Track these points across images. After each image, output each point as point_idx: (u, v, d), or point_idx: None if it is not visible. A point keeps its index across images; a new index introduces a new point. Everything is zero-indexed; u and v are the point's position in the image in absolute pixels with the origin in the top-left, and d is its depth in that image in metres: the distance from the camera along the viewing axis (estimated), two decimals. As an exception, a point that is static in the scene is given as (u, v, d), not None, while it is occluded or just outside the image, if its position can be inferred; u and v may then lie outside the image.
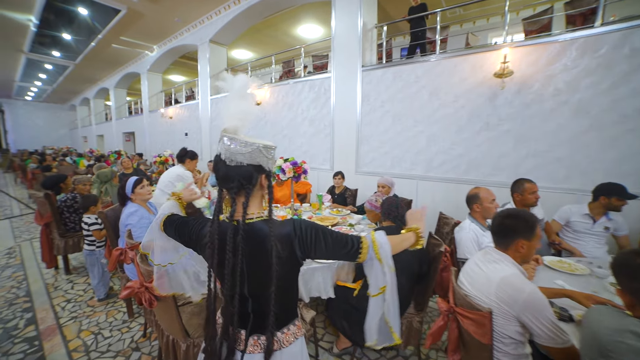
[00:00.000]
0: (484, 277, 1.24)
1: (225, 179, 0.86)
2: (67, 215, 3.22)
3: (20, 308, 2.57)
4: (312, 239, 0.88)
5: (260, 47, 9.06)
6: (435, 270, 1.81)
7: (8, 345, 2.10)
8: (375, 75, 4.27)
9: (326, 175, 4.90)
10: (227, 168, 0.85)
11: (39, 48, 8.97)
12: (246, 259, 0.84)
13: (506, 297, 1.12)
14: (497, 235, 1.32)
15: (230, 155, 0.84)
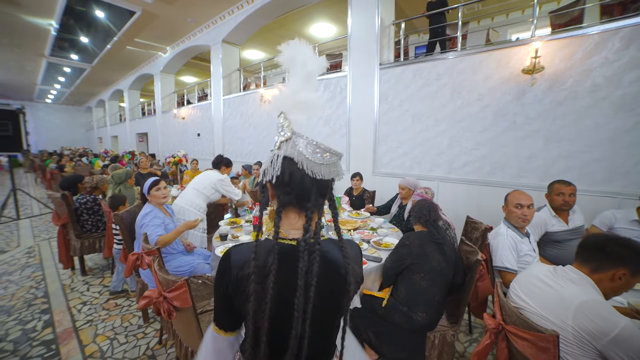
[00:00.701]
0: (554, 295, 1.08)
1: (303, 194, 0.68)
2: (86, 217, 3.21)
3: (38, 309, 2.56)
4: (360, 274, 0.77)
5: (272, 48, 9.01)
6: (471, 280, 1.67)
7: (26, 348, 2.07)
8: (394, 74, 4.12)
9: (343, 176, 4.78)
10: (307, 180, 0.67)
11: (58, 52, 9.18)
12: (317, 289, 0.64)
13: (591, 327, 0.96)
14: (592, 254, 1.12)
15: (309, 164, 0.66)
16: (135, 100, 13.37)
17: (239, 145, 7.22)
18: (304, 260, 0.64)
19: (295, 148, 0.67)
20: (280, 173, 0.67)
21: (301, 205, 0.69)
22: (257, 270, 0.63)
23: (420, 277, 1.62)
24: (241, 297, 0.66)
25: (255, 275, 0.63)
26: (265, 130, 6.43)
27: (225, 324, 0.74)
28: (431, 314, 1.61)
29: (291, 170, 0.67)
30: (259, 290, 0.62)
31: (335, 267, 0.68)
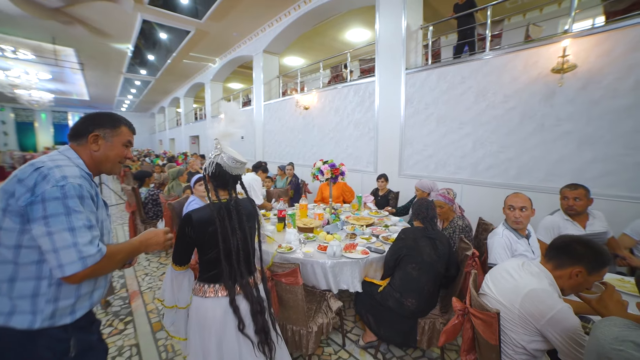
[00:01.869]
0: (512, 284, 1.23)
1: (225, 183, 1.30)
2: (150, 207, 3.92)
3: (117, 275, 3.29)
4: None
5: (310, 53, 9.48)
6: (462, 273, 1.82)
7: (112, 299, 2.78)
8: (419, 78, 4.22)
9: (370, 177, 4.98)
10: (227, 176, 1.28)
11: (131, 68, 10.81)
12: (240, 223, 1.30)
13: (533, 310, 1.11)
14: (557, 252, 1.24)
15: (229, 168, 1.27)
16: (189, 106, 14.95)
17: (276, 147, 7.78)
18: (233, 207, 1.28)
19: (222, 159, 1.25)
20: (214, 171, 1.27)
21: (225, 186, 1.31)
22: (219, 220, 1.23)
23: (412, 267, 1.83)
24: (202, 238, 1.22)
25: (217, 219, 1.22)
26: (300, 133, 6.86)
27: (181, 261, 1.29)
28: (420, 301, 1.81)
29: (219, 170, 1.27)
30: (222, 229, 1.22)
31: (247, 210, 1.35)
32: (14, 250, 0.87)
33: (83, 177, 0.95)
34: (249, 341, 1.24)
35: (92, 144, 1.03)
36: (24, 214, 0.85)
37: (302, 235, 2.47)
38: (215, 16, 6.55)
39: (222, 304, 1.23)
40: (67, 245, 0.85)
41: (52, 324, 0.90)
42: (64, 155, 0.98)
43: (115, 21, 6.80)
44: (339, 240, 2.35)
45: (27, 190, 0.84)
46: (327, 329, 1.82)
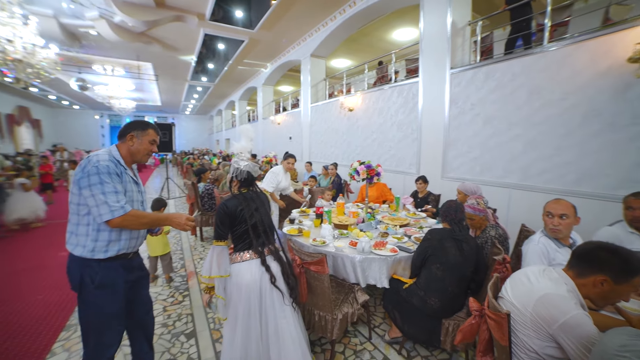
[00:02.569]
0: (528, 288, 1.22)
1: (251, 183, 1.75)
2: (206, 200, 4.46)
3: (178, 257, 3.86)
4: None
5: (357, 55, 9.57)
6: (488, 278, 1.80)
7: (174, 276, 3.28)
8: (465, 77, 4.05)
9: (412, 179, 4.89)
10: (251, 177, 1.74)
11: (194, 76, 12.15)
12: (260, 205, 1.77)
13: (545, 314, 1.11)
14: (578, 259, 1.20)
15: (252, 172, 1.73)
16: (243, 108, 16.15)
17: (322, 148, 8.05)
18: (255, 195, 1.75)
19: (249, 167, 1.72)
20: (241, 174, 1.71)
21: (248, 184, 1.74)
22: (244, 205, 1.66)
23: (436, 267, 1.86)
24: (234, 216, 1.63)
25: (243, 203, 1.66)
26: (344, 134, 7.00)
27: (221, 237, 1.63)
28: (443, 301, 1.83)
29: (247, 175, 1.72)
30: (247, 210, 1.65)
31: (260, 196, 1.79)
32: (77, 207, 1.39)
33: (111, 161, 1.42)
34: (280, 293, 1.62)
35: (128, 141, 1.52)
36: (78, 184, 1.36)
37: (336, 231, 2.63)
38: (266, 25, 7.06)
39: (256, 265, 1.62)
40: (102, 202, 1.34)
41: (92, 257, 1.40)
42: (105, 149, 1.47)
43: (182, 37, 7.77)
44: (370, 237, 2.46)
45: (80, 169, 1.37)
46: (351, 318, 1.95)
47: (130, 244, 1.52)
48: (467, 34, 4.32)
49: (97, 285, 1.43)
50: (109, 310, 1.47)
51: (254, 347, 1.58)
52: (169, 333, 2.32)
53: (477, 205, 2.33)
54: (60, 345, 2.18)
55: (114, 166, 1.41)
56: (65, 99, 16.86)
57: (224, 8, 6.38)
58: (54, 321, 2.46)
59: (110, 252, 1.43)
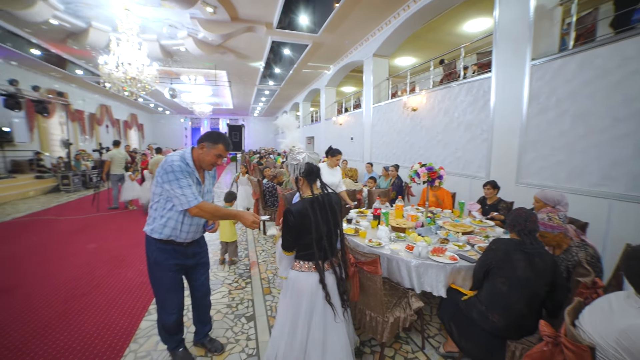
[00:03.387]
0: (607, 317, 1.07)
1: (316, 176, 1.63)
2: (268, 197, 4.83)
3: (243, 247, 4.26)
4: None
5: (422, 52, 9.11)
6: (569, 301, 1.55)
7: (239, 265, 3.64)
8: (550, 68, 3.51)
9: (480, 183, 4.48)
10: (315, 168, 1.63)
11: (262, 81, 13.13)
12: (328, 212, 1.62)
13: (631, 348, 0.95)
14: None
15: (312, 160, 1.65)
16: (307, 110, 16.80)
17: (384, 149, 7.89)
18: (321, 200, 1.59)
19: (310, 158, 1.64)
20: (307, 169, 1.62)
21: (314, 177, 1.63)
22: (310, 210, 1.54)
23: (501, 281, 1.69)
24: (300, 225, 1.53)
25: (310, 212, 1.53)
26: (407, 135, 6.74)
27: (288, 247, 1.60)
28: (508, 319, 1.65)
29: (312, 167, 1.63)
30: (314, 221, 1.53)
31: (333, 201, 1.65)
32: (153, 195, 1.74)
33: (182, 161, 1.69)
34: (332, 310, 1.56)
35: (200, 148, 1.77)
36: (159, 179, 1.67)
37: (393, 234, 2.59)
38: (329, 29, 7.23)
39: (314, 279, 1.57)
40: (180, 194, 1.64)
41: (151, 235, 1.75)
42: (181, 151, 1.76)
43: (252, 46, 8.49)
44: (428, 242, 2.36)
45: (160, 167, 1.68)
46: (403, 323, 1.90)
47: (175, 233, 1.76)
48: (558, 16, 3.73)
49: (153, 261, 1.79)
50: (163, 284, 1.82)
51: (297, 345, 1.58)
52: (232, 314, 2.60)
53: (548, 220, 1.99)
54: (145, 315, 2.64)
55: (184, 165, 1.68)
56: (160, 106, 20.03)
57: (289, 15, 6.76)
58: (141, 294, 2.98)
59: (163, 235, 1.74)
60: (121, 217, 5.95)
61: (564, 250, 2.00)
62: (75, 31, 7.38)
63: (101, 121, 14.34)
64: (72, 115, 11.78)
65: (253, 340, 2.25)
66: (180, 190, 1.63)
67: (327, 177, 3.61)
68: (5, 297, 2.81)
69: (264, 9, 6.37)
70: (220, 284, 3.14)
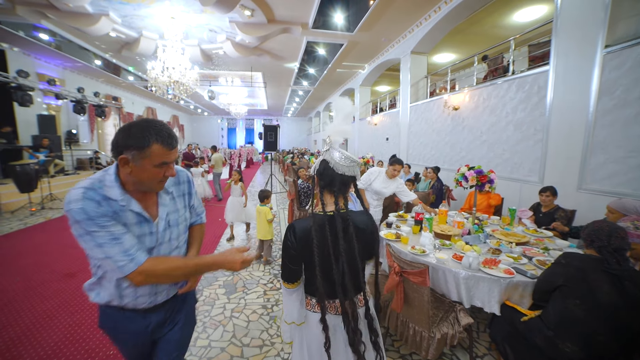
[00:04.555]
0: None
1: (330, 183, 1.12)
2: (303, 197, 4.81)
3: (277, 247, 4.28)
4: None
5: (462, 48, 8.57)
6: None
7: (273, 264, 3.66)
8: (631, 55, 3.04)
9: (531, 188, 4.10)
10: (333, 174, 1.12)
11: (296, 81, 13.29)
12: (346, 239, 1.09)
13: None
14: None
15: (338, 166, 1.11)
16: (340, 110, 16.68)
17: (421, 150, 7.56)
18: (339, 222, 1.08)
19: (329, 155, 1.14)
20: (318, 167, 1.17)
21: (331, 187, 1.14)
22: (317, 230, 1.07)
23: (574, 304, 1.46)
24: (304, 250, 1.09)
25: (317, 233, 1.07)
26: (448, 135, 6.37)
27: (288, 277, 1.14)
28: (586, 351, 1.42)
29: (324, 167, 1.15)
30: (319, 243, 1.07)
31: (361, 224, 1.14)
32: None
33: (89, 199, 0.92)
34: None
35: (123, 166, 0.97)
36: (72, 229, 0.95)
37: (437, 241, 2.41)
38: (364, 27, 7.07)
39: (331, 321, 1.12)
40: (100, 257, 0.95)
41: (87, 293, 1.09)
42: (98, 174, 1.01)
43: (287, 47, 8.59)
44: (478, 252, 2.16)
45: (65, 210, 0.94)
46: (451, 340, 1.74)
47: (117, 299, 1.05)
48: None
49: (100, 325, 1.14)
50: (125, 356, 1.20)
51: None
52: (267, 315, 2.60)
53: (634, 229, 1.73)
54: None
55: (95, 205, 0.91)
56: (199, 107, 21.22)
57: (324, 15, 6.71)
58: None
59: (100, 298, 1.06)
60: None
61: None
62: (129, 41, 8.05)
63: (148, 123, 15.55)
64: (124, 118, 12.86)
65: (289, 345, 2.21)
66: (100, 250, 0.91)
67: (376, 183, 3.38)
68: (71, 280, 3.12)
69: (299, 10, 6.39)
70: (255, 283, 3.17)
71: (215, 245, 4.29)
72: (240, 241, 4.58)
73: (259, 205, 3.69)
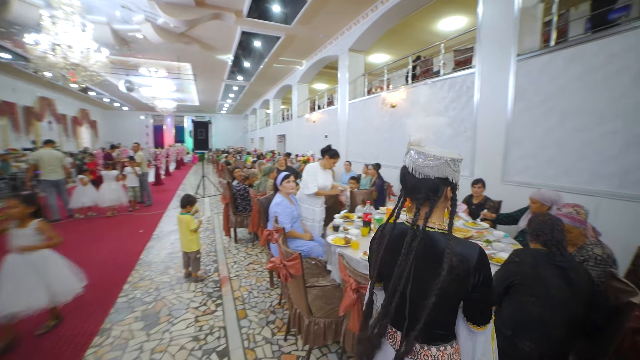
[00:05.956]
0: None
1: (413, 190, 0.92)
2: (239, 201, 4.31)
3: (212, 259, 3.70)
4: (485, 284, 0.87)
5: (396, 49, 9.02)
6: (619, 326, 1.32)
7: (206, 281, 3.12)
8: (537, 64, 3.43)
9: (464, 182, 4.36)
10: (415, 180, 0.91)
11: (231, 76, 12.37)
12: (417, 263, 0.89)
13: None
14: None
15: (418, 168, 0.90)
16: (278, 107, 16.22)
17: (360, 147, 7.65)
18: (409, 236, 0.90)
19: (408, 157, 0.94)
20: (400, 175, 0.98)
21: (413, 198, 0.95)
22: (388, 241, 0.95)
23: (530, 301, 1.42)
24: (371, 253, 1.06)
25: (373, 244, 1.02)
26: (386, 132, 6.54)
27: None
28: (544, 348, 1.38)
29: (404, 173, 0.96)
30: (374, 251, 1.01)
31: (435, 251, 0.87)
32: None
33: None
34: None
35: None
36: None
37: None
38: (303, 20, 6.82)
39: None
40: None
41: None
42: None
43: (220, 36, 7.82)
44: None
45: None
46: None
47: None
48: (539, 14, 3.68)
49: None
50: None
51: None
52: (200, 349, 2.11)
53: (576, 214, 1.84)
54: (92, 353, 2.06)
55: None
56: (116, 101, 18.22)
57: (261, 4, 6.25)
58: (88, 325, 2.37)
59: None
60: (66, 229, 4.94)
61: (578, 248, 1.83)
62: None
63: (42, 116, 12.56)
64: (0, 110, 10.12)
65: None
66: None
67: (321, 179, 3.23)
68: None
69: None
70: (184, 309, 2.60)
71: (134, 265, 3.49)
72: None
73: (179, 213, 3.10)
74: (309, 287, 2.04)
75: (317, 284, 2.19)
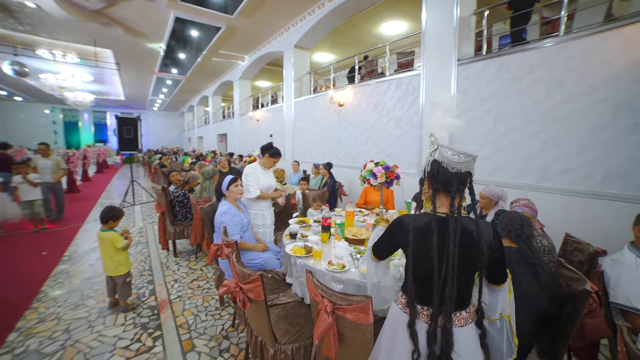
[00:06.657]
0: None
1: (446, 183, 1.05)
2: (178, 208, 3.76)
3: (146, 280, 3.12)
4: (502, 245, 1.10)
5: (341, 49, 9.12)
6: (575, 314, 1.39)
7: (140, 309, 2.57)
8: (474, 69, 3.72)
9: (412, 180, 4.54)
10: (449, 174, 1.04)
11: (163, 68, 11.06)
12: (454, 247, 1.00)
13: None
14: None
15: (452, 163, 1.04)
16: (218, 104, 15.14)
17: (307, 146, 7.49)
18: (452, 226, 1.00)
19: (440, 154, 1.06)
20: (430, 170, 1.09)
21: (447, 190, 1.06)
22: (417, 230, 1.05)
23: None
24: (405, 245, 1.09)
25: (414, 233, 1.05)
26: (334, 131, 6.50)
27: (380, 255, 1.28)
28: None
29: (438, 168, 1.07)
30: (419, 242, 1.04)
31: (470, 234, 1.02)
32: None
33: None
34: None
35: None
36: None
37: (352, 249, 2.12)
38: (246, 11, 6.37)
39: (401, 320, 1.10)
40: None
41: None
42: None
43: (149, 20, 6.85)
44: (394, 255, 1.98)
45: None
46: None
47: None
48: (473, 25, 4.00)
49: None
50: None
51: None
52: (133, 401, 1.68)
53: (532, 205, 2.12)
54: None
55: None
56: (4, 89, 14.68)
57: (198, -13, 5.63)
58: None
59: None
60: None
61: None
62: None
63: None
64: None
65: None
66: None
67: (263, 179, 2.91)
68: None
69: (162, -29, 5.08)
70: (109, 352, 2.06)
71: (29, 302, 2.70)
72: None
73: (99, 230, 2.49)
74: (270, 307, 1.78)
75: (277, 302, 1.93)
